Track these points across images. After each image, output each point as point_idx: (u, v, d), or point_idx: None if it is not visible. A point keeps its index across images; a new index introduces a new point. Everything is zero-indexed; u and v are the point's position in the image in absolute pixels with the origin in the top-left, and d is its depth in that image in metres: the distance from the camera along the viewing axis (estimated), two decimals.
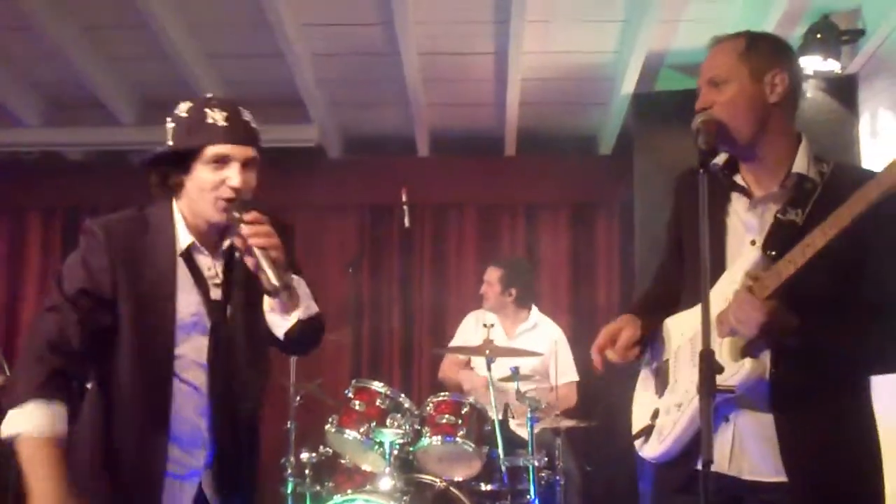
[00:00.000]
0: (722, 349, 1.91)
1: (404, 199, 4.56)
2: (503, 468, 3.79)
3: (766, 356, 1.89)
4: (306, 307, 2.10)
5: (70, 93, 5.10)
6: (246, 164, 2.07)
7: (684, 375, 2.04)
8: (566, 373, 4.54)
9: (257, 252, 1.96)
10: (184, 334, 2.11)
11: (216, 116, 2.05)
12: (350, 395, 3.91)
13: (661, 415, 2.08)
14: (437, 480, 3.85)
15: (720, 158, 2.08)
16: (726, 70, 1.98)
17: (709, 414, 1.58)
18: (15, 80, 4.98)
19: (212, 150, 2.04)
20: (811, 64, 4.03)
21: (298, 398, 4.30)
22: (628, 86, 4.64)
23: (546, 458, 3.91)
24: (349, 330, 5.19)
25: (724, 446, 1.95)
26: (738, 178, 2.06)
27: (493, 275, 4.66)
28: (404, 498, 3.55)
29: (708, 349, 1.61)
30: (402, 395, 3.93)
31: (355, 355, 5.48)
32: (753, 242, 1.97)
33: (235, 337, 2.16)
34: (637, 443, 2.14)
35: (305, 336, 2.12)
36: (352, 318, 5.24)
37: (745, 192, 2.04)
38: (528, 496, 3.77)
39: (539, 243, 5.64)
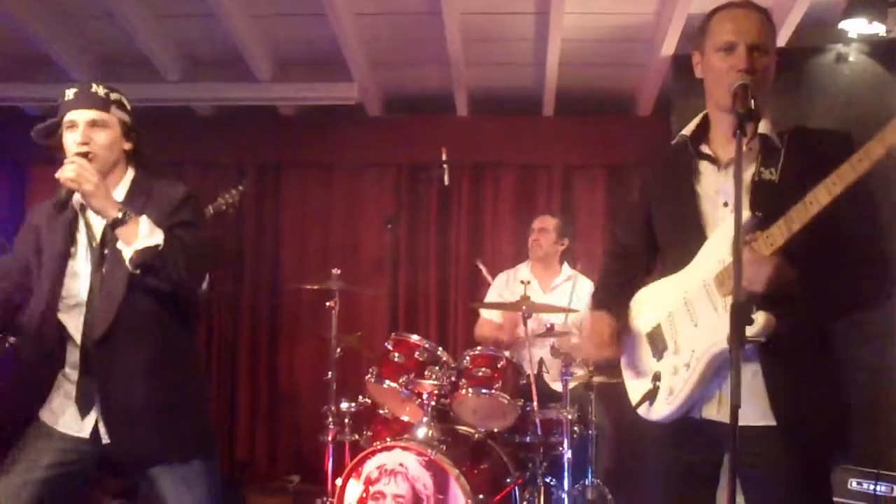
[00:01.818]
0: (727, 307, 1.99)
1: (444, 157, 4.61)
2: (537, 421, 3.89)
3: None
4: (144, 238, 2.36)
5: (118, 50, 5.21)
6: (94, 125, 2.45)
7: (687, 337, 2.14)
8: None
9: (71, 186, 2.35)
10: (72, 274, 2.46)
11: (68, 93, 2.49)
12: (389, 347, 4.00)
13: (666, 376, 2.17)
14: (473, 431, 3.97)
15: (688, 129, 2.23)
16: (768, 41, 2.10)
17: (738, 362, 1.67)
18: (66, 37, 5.10)
19: (65, 120, 2.48)
20: (855, 27, 4.00)
21: (339, 350, 4.43)
22: (668, 48, 4.64)
23: (579, 413, 4.02)
24: (386, 285, 5.32)
25: (713, 396, 2.10)
26: (704, 148, 2.20)
27: (549, 223, 4.72)
28: (441, 447, 3.64)
29: (739, 302, 1.70)
30: (440, 349, 4.02)
31: (392, 310, 5.60)
32: (726, 204, 2.09)
33: (113, 277, 2.43)
34: (642, 408, 2.23)
35: (145, 267, 2.37)
36: (389, 273, 5.35)
37: (712, 158, 2.17)
38: (561, 448, 3.88)
39: (575, 203, 5.68)
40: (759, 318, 1.94)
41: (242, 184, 4.88)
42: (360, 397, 4.23)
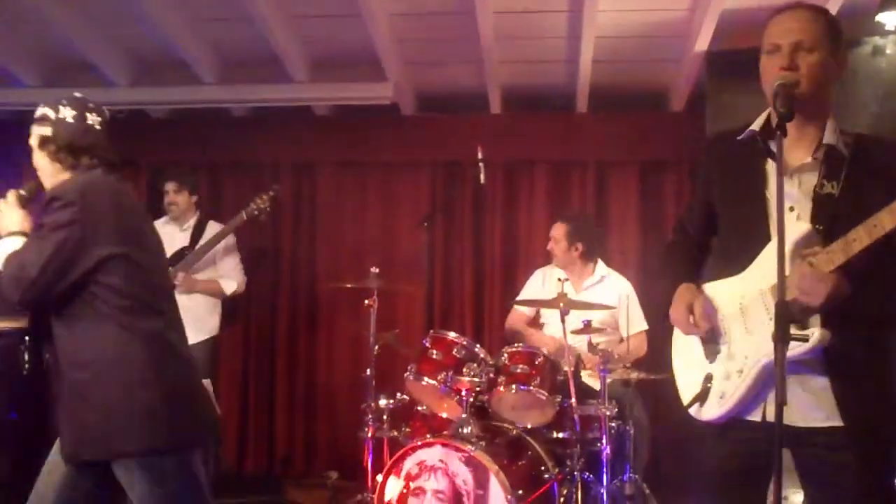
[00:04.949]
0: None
1: (480, 155, 4.62)
2: (575, 417, 3.90)
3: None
4: None
5: (156, 54, 5.30)
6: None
7: (740, 343, 2.16)
8: (636, 323, 4.62)
9: None
10: None
11: None
12: (427, 344, 4.05)
13: (718, 380, 2.20)
14: (512, 427, 4.00)
15: (757, 124, 2.19)
16: (815, 38, 2.08)
17: (783, 361, 1.69)
18: (106, 41, 5.20)
19: None
20: (892, 19, 3.97)
21: (377, 347, 4.47)
22: (702, 43, 4.63)
23: (617, 409, 4.03)
24: (423, 283, 5.37)
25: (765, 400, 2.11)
26: (772, 146, 2.14)
27: (558, 231, 4.72)
28: (480, 443, 3.67)
29: (783, 301, 1.72)
30: (478, 346, 4.06)
31: (429, 308, 5.64)
32: (792, 209, 2.08)
33: None
34: (693, 408, 2.27)
35: None
36: (426, 271, 5.40)
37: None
38: (599, 444, 3.89)
39: (609, 199, 5.68)
40: (816, 333, 1.97)
41: (273, 189, 4.95)
42: (399, 394, 4.27)
